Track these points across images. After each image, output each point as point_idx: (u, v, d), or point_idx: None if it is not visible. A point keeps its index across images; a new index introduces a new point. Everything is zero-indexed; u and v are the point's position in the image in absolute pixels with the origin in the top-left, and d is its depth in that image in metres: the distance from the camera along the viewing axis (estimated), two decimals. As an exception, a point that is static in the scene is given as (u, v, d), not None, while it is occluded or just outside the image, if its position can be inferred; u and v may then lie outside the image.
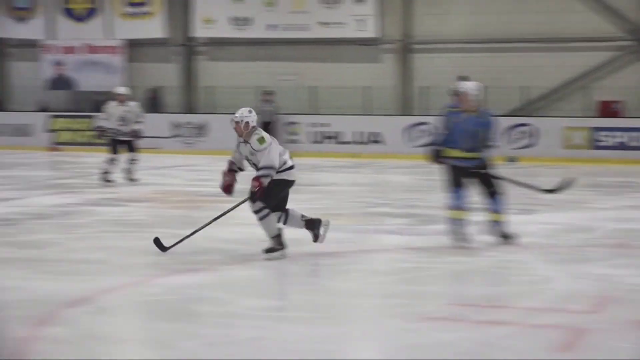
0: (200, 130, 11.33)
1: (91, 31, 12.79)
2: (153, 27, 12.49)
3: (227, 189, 3.85)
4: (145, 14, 12.53)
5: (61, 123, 12.03)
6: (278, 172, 3.73)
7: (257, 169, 3.73)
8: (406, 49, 11.66)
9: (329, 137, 10.92)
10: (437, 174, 4.39)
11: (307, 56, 12.01)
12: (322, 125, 10.98)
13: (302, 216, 3.86)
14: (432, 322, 2.68)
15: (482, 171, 4.07)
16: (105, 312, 2.91)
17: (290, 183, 3.86)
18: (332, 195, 6.87)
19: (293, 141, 10.44)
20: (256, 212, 3.71)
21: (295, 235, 3.93)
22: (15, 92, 13.53)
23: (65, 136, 11.90)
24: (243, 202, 3.83)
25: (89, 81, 12.78)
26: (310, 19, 11.65)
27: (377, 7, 11.45)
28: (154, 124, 10.06)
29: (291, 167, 3.85)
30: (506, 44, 11.12)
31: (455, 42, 11.33)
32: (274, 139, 3.88)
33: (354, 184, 8.09)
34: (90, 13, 12.82)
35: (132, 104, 7.59)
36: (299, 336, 2.53)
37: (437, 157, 4.11)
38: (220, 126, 10.12)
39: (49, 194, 6.71)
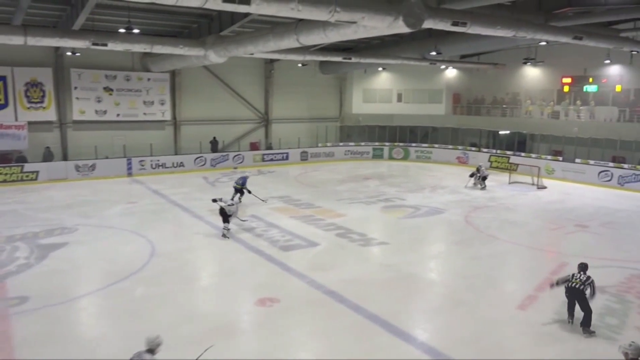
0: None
1: (3, 116, 21.92)
2: (47, 114, 22.89)
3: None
4: (41, 107, 22.72)
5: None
6: None
7: None
8: (177, 124, 26.71)
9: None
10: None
11: (134, 127, 25.36)
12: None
13: None
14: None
15: None
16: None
17: None
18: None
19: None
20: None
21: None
22: None
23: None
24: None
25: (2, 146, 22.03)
26: (139, 112, 25.14)
27: (170, 104, 25.99)
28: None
29: None
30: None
31: (199, 119, 27.22)
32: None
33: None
34: (2, 107, 21.90)
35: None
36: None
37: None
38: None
39: None
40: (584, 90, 25.71)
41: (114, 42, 15.90)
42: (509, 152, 26.76)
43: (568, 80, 26.34)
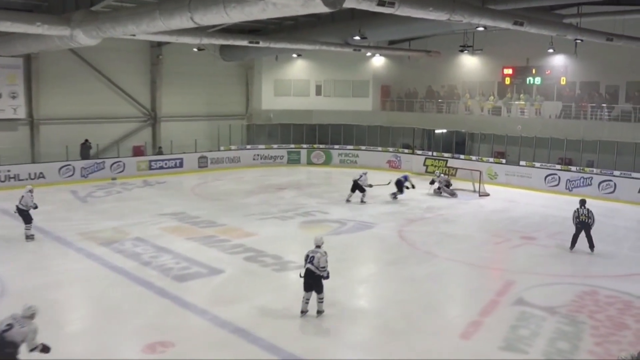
0: None
1: None
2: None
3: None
4: None
5: None
6: None
7: None
8: (34, 124, 25.33)
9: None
10: None
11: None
12: None
13: None
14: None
15: None
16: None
17: None
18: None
19: None
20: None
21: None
22: None
23: None
24: None
25: None
26: None
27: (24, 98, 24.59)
28: None
29: None
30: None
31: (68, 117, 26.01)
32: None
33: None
34: None
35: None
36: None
37: None
38: None
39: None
40: (527, 82, 27.57)
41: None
42: (446, 155, 28.02)
43: (509, 71, 28.12)
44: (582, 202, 15.35)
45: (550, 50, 24.76)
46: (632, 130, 23.22)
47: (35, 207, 15.68)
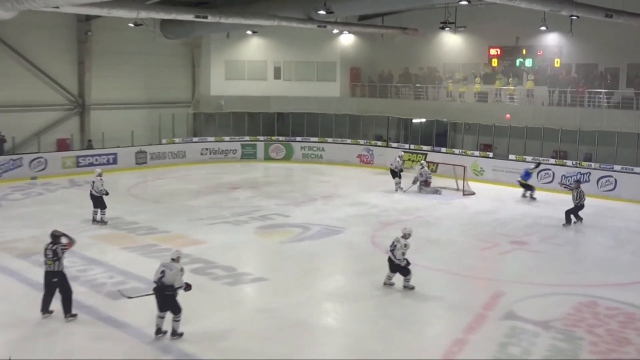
0: None
1: None
2: None
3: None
4: None
5: None
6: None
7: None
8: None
9: None
10: None
11: None
12: None
13: None
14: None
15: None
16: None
17: None
18: None
19: None
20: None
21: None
22: None
23: None
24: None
25: None
26: None
27: None
28: None
29: None
30: None
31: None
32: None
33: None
34: None
35: None
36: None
37: None
38: None
39: None
40: (517, 64, 27.96)
41: None
42: (425, 148, 28.25)
43: (496, 51, 28.46)
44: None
45: (543, 28, 25.14)
46: (634, 119, 23.73)
47: (106, 194, 18.03)
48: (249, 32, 31.06)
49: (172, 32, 29.40)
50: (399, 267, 12.87)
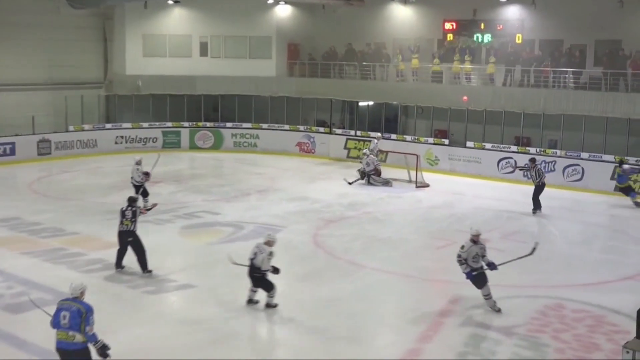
0: None
1: None
2: None
3: None
4: None
5: None
6: None
7: None
8: None
9: None
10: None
11: None
12: None
13: None
14: None
15: None
16: None
17: None
18: None
19: None
20: None
21: None
22: None
23: None
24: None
25: None
26: None
27: None
28: None
29: None
30: None
31: None
32: None
33: None
34: None
35: None
36: None
37: None
38: None
39: None
40: (475, 40, 28.39)
41: None
42: (373, 134, 28.47)
43: (452, 25, 28.82)
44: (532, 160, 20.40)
45: (503, 0, 25.59)
46: (602, 102, 24.38)
47: (145, 180, 19.41)
48: (170, 2, 30.73)
49: (79, 1, 28.79)
50: (262, 280, 12.16)
